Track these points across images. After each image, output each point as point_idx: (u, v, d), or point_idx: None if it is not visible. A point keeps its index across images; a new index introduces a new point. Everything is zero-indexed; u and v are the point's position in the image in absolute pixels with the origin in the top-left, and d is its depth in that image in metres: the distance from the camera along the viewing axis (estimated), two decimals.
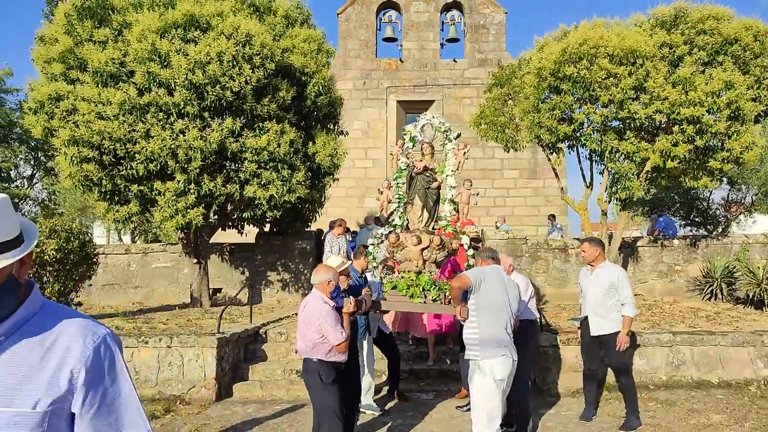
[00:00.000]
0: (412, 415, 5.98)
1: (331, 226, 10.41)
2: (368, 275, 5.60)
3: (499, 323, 4.33)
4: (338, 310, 4.37)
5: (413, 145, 5.64)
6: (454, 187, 5.59)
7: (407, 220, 5.56)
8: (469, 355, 4.37)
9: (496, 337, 4.29)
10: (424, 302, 5.03)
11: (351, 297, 4.36)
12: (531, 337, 5.37)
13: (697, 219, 15.87)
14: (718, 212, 15.87)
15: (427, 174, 5.51)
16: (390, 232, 5.41)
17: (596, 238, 6.32)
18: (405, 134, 5.69)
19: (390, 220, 5.68)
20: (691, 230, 16.04)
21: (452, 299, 4.47)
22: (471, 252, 5.69)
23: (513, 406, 5.11)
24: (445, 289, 5.05)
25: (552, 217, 14.71)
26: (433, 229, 5.50)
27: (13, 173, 20.93)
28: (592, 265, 5.57)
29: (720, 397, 6.19)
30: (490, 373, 4.24)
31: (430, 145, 5.62)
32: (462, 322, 4.38)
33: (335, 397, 4.32)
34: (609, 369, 6.07)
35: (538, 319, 5.63)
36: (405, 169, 5.57)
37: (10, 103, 20.11)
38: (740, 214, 16.02)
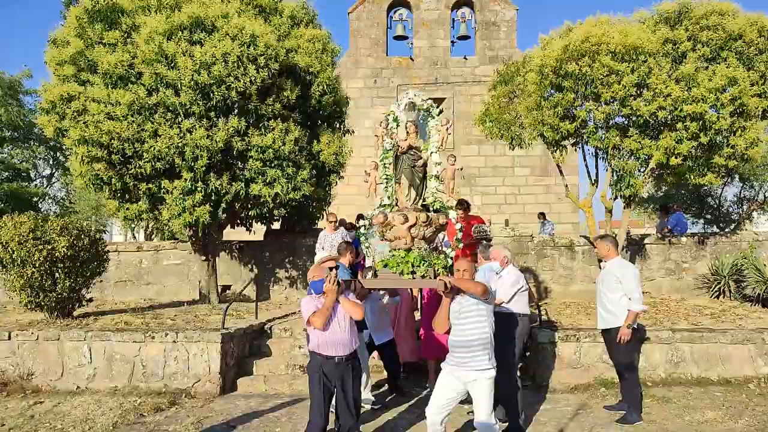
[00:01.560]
0: (409, 409, 6.09)
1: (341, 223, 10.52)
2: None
3: None
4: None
5: (397, 125, 5.64)
6: (439, 164, 5.55)
7: (396, 199, 5.60)
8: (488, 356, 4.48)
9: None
10: (413, 278, 5.15)
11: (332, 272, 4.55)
12: (514, 331, 5.44)
13: (708, 216, 15.70)
14: (731, 209, 15.68)
15: (412, 152, 5.54)
16: (379, 212, 5.45)
17: (608, 235, 6.48)
18: (388, 114, 5.69)
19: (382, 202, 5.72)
20: (703, 227, 15.88)
21: (460, 291, 4.46)
22: (459, 226, 5.72)
23: (503, 403, 5.23)
24: (435, 264, 5.19)
25: (542, 215, 14.73)
26: (423, 206, 5.54)
27: (32, 173, 21.44)
28: (604, 261, 5.78)
29: (717, 395, 6.18)
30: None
31: (414, 123, 5.63)
32: (442, 295, 4.48)
33: (318, 388, 4.56)
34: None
35: (526, 315, 5.65)
36: (390, 149, 5.57)
37: (29, 104, 20.61)
38: (753, 210, 15.81)
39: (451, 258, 5.56)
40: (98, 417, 6.01)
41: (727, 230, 14.42)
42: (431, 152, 5.54)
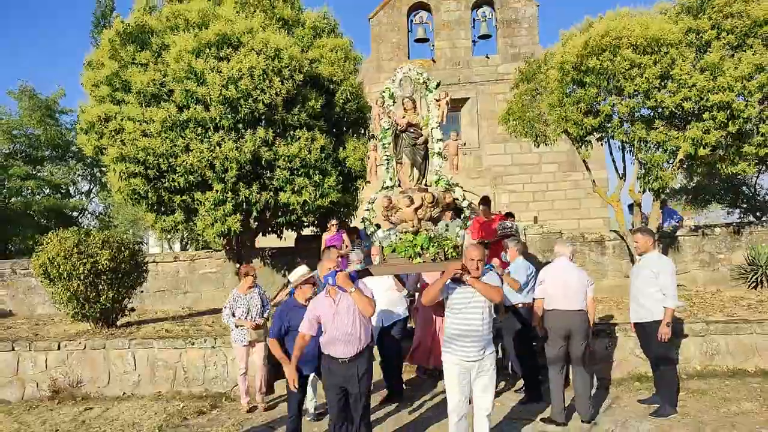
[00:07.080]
0: (432, 411, 6.17)
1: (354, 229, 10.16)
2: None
3: None
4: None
5: (394, 102, 5.35)
6: (440, 140, 5.24)
7: (398, 180, 5.35)
8: None
9: None
10: (423, 262, 4.91)
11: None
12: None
13: (744, 206, 15.32)
14: (767, 198, 15.27)
15: (412, 130, 5.29)
16: (383, 196, 5.15)
17: (647, 228, 6.44)
18: (384, 91, 5.37)
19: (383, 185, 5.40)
20: (739, 217, 15.50)
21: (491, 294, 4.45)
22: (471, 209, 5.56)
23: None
24: (444, 245, 4.92)
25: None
26: (426, 185, 5.30)
27: (71, 189, 22.24)
28: (639, 255, 5.82)
29: (755, 386, 6.11)
30: None
31: (411, 99, 5.36)
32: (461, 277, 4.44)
33: (327, 387, 4.70)
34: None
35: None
36: (389, 129, 5.30)
37: (65, 123, 21.41)
38: None
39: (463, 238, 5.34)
40: (145, 421, 6.30)
41: (763, 219, 14.06)
42: (432, 128, 5.26)
